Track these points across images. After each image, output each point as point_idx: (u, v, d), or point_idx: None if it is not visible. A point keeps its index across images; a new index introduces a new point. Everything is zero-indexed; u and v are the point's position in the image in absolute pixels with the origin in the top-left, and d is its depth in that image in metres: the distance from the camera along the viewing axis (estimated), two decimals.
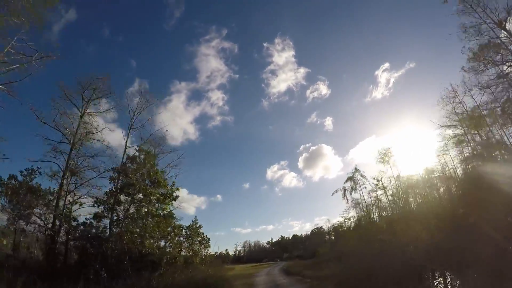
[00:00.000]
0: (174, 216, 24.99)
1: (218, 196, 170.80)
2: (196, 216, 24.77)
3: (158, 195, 22.61)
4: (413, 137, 61.19)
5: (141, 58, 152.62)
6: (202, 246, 23.70)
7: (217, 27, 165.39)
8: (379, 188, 46.05)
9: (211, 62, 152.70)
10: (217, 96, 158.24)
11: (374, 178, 45.49)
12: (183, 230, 23.53)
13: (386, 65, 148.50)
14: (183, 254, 22.11)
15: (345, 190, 49.19)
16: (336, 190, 50.43)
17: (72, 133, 21.72)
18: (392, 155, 42.23)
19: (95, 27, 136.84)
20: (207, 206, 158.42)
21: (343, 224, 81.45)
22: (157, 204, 22.86)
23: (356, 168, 49.39)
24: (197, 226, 24.11)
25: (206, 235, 24.17)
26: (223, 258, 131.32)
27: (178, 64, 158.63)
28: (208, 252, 23.96)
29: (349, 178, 48.34)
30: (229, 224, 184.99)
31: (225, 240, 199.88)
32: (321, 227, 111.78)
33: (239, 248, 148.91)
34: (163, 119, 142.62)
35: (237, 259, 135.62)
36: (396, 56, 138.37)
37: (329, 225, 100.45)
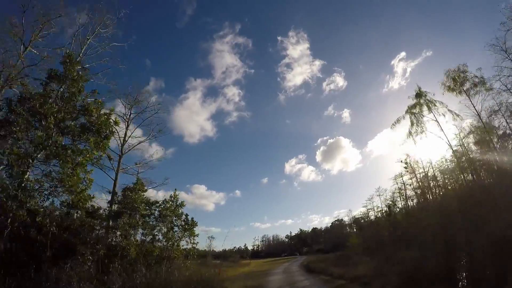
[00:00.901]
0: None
1: (237, 191, 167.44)
2: (176, 189, 17.91)
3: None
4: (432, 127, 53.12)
5: (156, 58, 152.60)
6: (186, 233, 16.99)
7: (230, 22, 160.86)
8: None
9: (226, 58, 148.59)
10: (233, 92, 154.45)
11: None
12: (153, 208, 16.85)
13: (403, 54, 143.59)
14: (158, 244, 15.62)
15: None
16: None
17: None
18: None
19: (108, 27, 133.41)
20: (226, 202, 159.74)
21: (367, 215, 74.78)
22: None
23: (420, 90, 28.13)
24: (177, 203, 17.37)
25: (192, 218, 17.37)
26: (242, 253, 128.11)
27: (193, 61, 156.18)
28: (194, 241, 17.20)
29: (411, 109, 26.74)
30: (248, 219, 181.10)
31: (244, 235, 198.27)
32: (342, 219, 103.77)
33: (257, 243, 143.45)
34: (180, 116, 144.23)
35: (255, 253, 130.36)
36: (412, 45, 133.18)
37: (350, 217, 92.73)
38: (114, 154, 18.76)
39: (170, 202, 17.03)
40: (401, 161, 52.49)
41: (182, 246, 16.59)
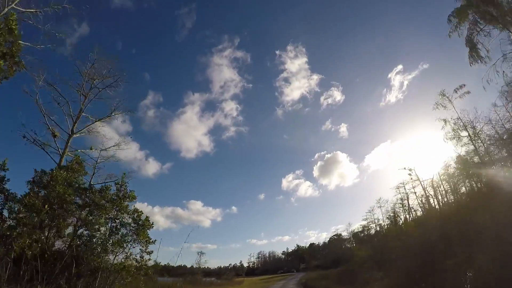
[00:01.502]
0: None
1: (234, 208, 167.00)
2: (125, 174, 13.14)
3: None
4: (430, 140, 51.56)
5: (154, 71, 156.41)
6: (135, 237, 12.06)
7: (230, 36, 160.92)
8: None
9: (224, 72, 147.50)
10: (230, 107, 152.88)
11: None
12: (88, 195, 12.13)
13: (399, 67, 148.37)
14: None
15: None
16: None
17: None
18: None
19: (108, 40, 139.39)
20: (222, 218, 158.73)
21: (368, 228, 70.01)
22: None
23: None
24: (126, 193, 12.54)
25: (147, 217, 12.45)
26: (237, 270, 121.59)
27: (191, 75, 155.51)
28: (147, 250, 12.18)
29: None
30: (244, 235, 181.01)
31: (241, 252, 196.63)
32: (340, 234, 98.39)
33: (253, 260, 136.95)
34: (178, 131, 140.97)
35: (251, 271, 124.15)
36: (409, 58, 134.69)
37: (349, 231, 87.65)
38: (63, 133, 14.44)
39: (114, 190, 12.38)
40: (405, 168, 48.64)
41: (132, 255, 11.74)
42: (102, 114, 17.12)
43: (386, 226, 62.20)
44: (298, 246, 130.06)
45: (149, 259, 11.77)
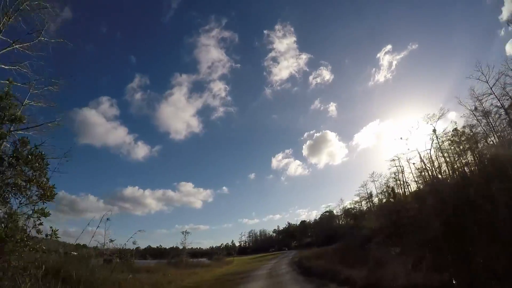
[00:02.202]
0: None
1: (224, 188, 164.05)
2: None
3: None
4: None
5: (140, 53, 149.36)
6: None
7: (216, 16, 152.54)
8: None
9: (212, 52, 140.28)
10: (219, 87, 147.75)
11: None
12: None
13: (388, 47, 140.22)
14: None
15: None
16: None
17: None
18: None
19: (92, 25, 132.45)
20: (213, 199, 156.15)
21: (360, 204, 66.90)
22: None
23: None
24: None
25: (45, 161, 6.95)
26: (229, 250, 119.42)
27: (178, 56, 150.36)
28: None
29: None
30: (236, 215, 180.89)
31: (233, 232, 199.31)
32: (332, 211, 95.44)
33: (244, 239, 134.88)
34: (166, 113, 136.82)
35: (242, 250, 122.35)
36: (398, 38, 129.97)
37: (341, 207, 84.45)
38: None
39: None
40: (401, 138, 44.31)
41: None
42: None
43: (379, 201, 59.30)
44: (289, 224, 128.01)
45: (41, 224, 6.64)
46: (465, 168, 34.01)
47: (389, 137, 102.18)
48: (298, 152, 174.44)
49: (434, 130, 39.81)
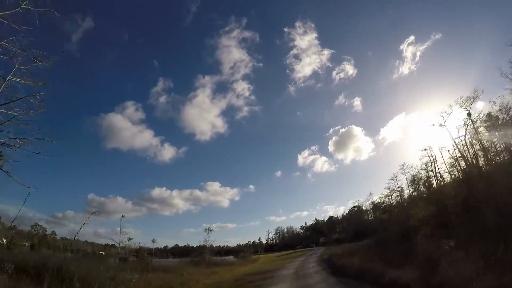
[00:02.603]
0: None
1: (251, 186, 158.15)
2: None
3: None
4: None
5: (163, 58, 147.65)
6: None
7: (236, 17, 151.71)
8: None
9: (234, 53, 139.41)
10: (242, 87, 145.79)
11: None
12: None
13: (411, 38, 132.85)
14: None
15: None
16: None
17: None
18: None
19: (114, 33, 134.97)
20: (240, 197, 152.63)
21: (390, 197, 62.39)
22: None
23: None
24: None
25: None
26: (256, 247, 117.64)
27: (200, 58, 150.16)
28: None
29: None
30: (263, 213, 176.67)
31: (260, 229, 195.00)
32: (360, 206, 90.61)
33: (271, 236, 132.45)
34: (191, 115, 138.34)
35: (269, 247, 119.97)
36: (420, 28, 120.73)
37: (370, 201, 79.60)
38: None
39: None
40: (433, 125, 40.60)
41: None
42: None
43: (410, 194, 54.50)
44: (316, 220, 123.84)
45: None
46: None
47: (416, 129, 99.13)
48: (324, 148, 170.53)
49: (469, 114, 35.32)
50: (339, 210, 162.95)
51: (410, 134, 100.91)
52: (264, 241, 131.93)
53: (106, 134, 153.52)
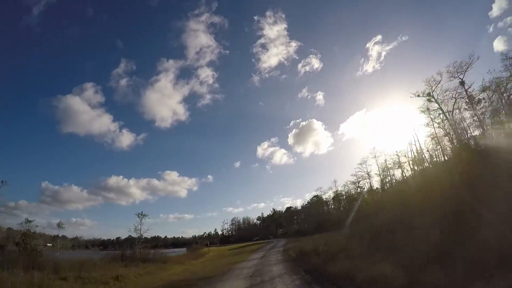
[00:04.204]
0: None
1: (209, 176, 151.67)
2: None
3: None
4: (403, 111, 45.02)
5: (127, 37, 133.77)
6: None
7: (207, 0, 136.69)
8: None
9: (201, 37, 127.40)
10: (206, 74, 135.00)
11: None
12: None
13: (378, 37, 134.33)
14: None
15: None
16: None
17: None
18: None
19: (78, 7, 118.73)
20: (198, 187, 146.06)
21: (356, 184, 56.12)
22: None
23: None
24: None
25: None
26: (212, 238, 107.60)
27: (166, 41, 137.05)
28: None
29: None
30: (221, 204, 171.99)
31: (217, 220, 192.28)
32: (321, 196, 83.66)
33: (226, 227, 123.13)
34: (152, 100, 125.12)
35: (225, 239, 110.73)
36: (388, 29, 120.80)
37: (334, 190, 71.81)
38: None
39: None
40: (418, 95, 33.59)
41: None
42: None
43: (383, 182, 48.37)
44: (274, 210, 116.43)
45: None
46: None
47: (374, 126, 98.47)
48: (284, 140, 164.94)
49: (463, 83, 28.44)
50: (296, 202, 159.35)
51: (369, 131, 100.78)
52: (219, 232, 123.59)
53: (63, 118, 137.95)
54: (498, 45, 67.62)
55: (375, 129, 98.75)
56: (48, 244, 42.50)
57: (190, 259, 33.29)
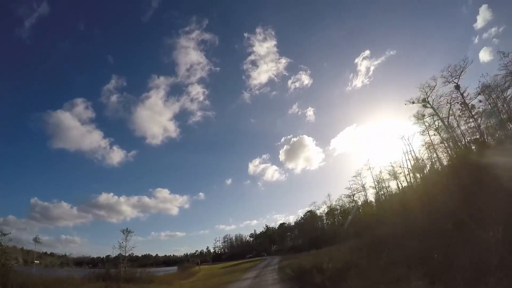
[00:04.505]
0: None
1: (201, 194, 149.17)
2: None
3: None
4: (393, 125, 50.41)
5: (118, 53, 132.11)
6: None
7: (198, 17, 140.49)
8: None
9: (191, 54, 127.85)
10: (197, 91, 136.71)
11: None
12: None
13: (367, 52, 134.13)
14: None
15: None
16: None
17: None
18: None
19: (70, 21, 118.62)
20: (190, 205, 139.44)
21: (351, 198, 54.74)
22: None
23: None
24: None
25: None
26: (204, 256, 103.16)
27: (157, 57, 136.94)
28: None
29: None
30: (213, 222, 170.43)
31: (209, 238, 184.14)
32: (314, 211, 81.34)
33: (218, 244, 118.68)
34: (142, 117, 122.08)
35: (217, 257, 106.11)
36: (377, 43, 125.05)
37: (328, 204, 69.68)
38: None
39: None
40: (413, 102, 33.54)
41: None
42: None
43: (378, 193, 46.94)
44: (267, 227, 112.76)
45: None
46: None
47: (364, 142, 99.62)
48: (275, 157, 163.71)
49: (458, 87, 27.88)
50: (289, 218, 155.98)
51: (359, 145, 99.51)
52: (211, 250, 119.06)
53: (53, 133, 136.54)
54: (484, 55, 69.23)
55: (367, 143, 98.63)
56: (35, 261, 39.73)
57: (179, 279, 30.57)
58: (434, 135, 30.10)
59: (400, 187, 37.64)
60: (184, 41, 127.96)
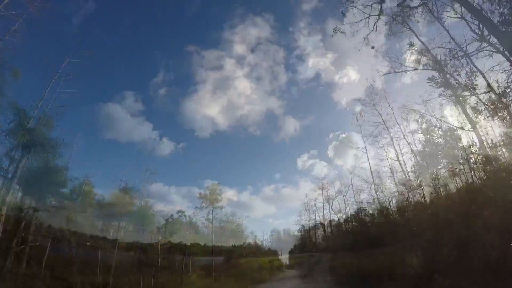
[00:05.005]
0: None
1: (249, 187, 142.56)
2: None
3: None
4: None
5: (165, 47, 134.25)
6: None
7: (243, 11, 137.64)
8: None
9: (237, 48, 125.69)
10: (244, 85, 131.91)
11: None
12: None
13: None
14: None
15: None
16: None
17: None
18: None
19: (117, 16, 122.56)
20: (238, 198, 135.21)
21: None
22: None
23: None
24: None
25: None
26: (259, 247, 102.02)
27: (203, 51, 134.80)
28: None
29: None
30: (258, 214, 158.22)
31: (257, 230, 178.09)
32: (366, 208, 73.73)
33: (266, 237, 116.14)
34: (190, 110, 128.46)
35: (262, 249, 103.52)
36: None
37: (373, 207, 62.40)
38: None
39: None
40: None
41: None
42: None
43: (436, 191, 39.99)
44: (315, 222, 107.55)
45: None
46: None
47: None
48: (323, 153, 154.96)
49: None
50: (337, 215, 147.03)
51: None
52: (259, 243, 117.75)
53: (104, 124, 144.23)
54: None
55: None
56: (87, 244, 42.33)
57: (216, 272, 29.21)
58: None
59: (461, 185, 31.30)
60: (229, 35, 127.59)
